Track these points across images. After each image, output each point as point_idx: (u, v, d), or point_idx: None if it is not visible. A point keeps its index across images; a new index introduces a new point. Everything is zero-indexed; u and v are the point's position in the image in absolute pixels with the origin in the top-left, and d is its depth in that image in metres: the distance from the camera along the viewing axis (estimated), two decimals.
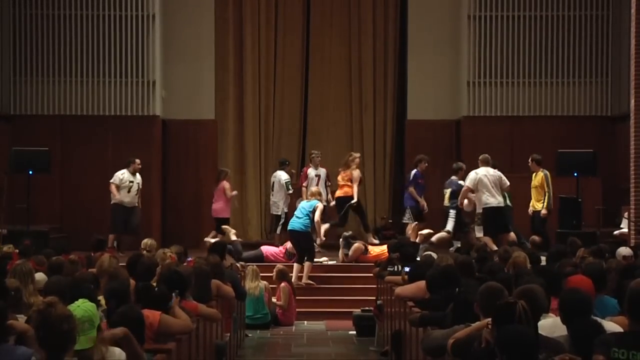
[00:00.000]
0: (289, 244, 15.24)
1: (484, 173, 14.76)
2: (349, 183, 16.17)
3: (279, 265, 14.09)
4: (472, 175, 14.85)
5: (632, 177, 14.15)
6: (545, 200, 15.18)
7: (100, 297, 7.04)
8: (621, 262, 9.20)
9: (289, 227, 14.82)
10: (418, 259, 11.33)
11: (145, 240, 11.72)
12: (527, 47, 18.13)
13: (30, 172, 15.45)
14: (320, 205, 14.66)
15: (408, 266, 10.27)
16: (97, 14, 17.89)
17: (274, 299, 13.79)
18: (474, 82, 18.19)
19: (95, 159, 17.77)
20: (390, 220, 19.03)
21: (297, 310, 14.01)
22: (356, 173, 16.25)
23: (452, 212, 15.61)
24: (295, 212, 14.97)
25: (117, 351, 5.20)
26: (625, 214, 14.72)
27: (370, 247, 15.48)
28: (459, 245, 15.28)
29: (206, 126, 18.84)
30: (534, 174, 15.50)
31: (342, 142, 19.49)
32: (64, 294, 5.97)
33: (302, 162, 19.30)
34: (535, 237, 14.71)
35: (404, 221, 16.36)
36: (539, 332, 5.15)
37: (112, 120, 17.93)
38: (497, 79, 18.19)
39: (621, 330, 5.50)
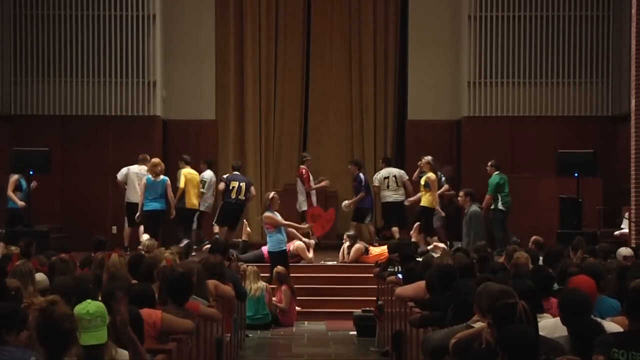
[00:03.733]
0: (291, 245, 15.22)
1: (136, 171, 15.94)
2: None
3: (279, 267, 14.03)
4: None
5: (633, 177, 14.15)
6: None
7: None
8: (622, 262, 9.19)
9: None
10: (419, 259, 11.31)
11: (145, 241, 11.69)
12: (527, 47, 18.11)
13: (31, 172, 15.44)
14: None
15: (402, 271, 10.29)
16: (97, 14, 17.90)
17: (274, 299, 13.78)
18: (474, 82, 18.17)
19: (96, 159, 17.78)
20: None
21: (298, 310, 13.99)
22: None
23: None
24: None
25: (126, 353, 5.20)
26: (626, 214, 14.70)
27: (370, 248, 15.48)
28: (459, 246, 15.25)
29: (206, 126, 18.85)
30: None
31: (343, 142, 19.50)
32: (71, 294, 5.96)
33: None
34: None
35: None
36: (539, 332, 5.15)
37: (112, 120, 17.94)
38: (497, 79, 18.17)
39: (621, 330, 5.50)
